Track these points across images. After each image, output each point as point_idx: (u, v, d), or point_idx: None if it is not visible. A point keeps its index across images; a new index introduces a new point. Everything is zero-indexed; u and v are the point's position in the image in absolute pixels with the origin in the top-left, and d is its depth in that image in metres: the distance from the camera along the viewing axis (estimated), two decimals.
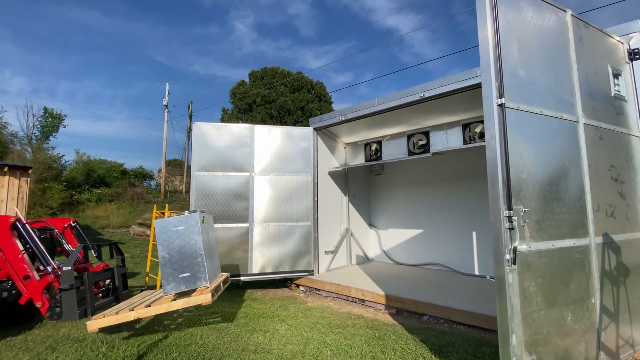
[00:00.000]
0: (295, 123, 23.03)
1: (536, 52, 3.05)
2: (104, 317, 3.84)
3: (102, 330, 4.03)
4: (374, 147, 7.46)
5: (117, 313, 3.88)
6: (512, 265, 2.56)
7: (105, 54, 54.59)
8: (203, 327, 4.48)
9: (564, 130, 3.09)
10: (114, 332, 4.26)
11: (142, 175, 25.66)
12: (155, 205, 8.04)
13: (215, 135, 6.57)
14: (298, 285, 6.84)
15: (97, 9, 52.17)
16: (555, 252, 2.82)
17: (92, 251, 4.89)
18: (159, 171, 26.08)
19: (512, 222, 2.58)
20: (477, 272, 6.71)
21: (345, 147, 8.16)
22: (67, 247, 4.64)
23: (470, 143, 5.85)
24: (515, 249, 2.57)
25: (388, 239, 8.41)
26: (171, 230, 4.22)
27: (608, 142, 3.42)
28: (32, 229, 4.16)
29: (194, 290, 4.19)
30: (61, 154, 22.85)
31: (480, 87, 2.80)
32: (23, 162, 15.82)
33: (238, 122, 23.14)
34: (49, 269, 3.95)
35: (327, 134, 7.54)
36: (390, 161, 7.20)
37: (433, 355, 3.53)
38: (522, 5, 3.01)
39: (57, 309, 3.78)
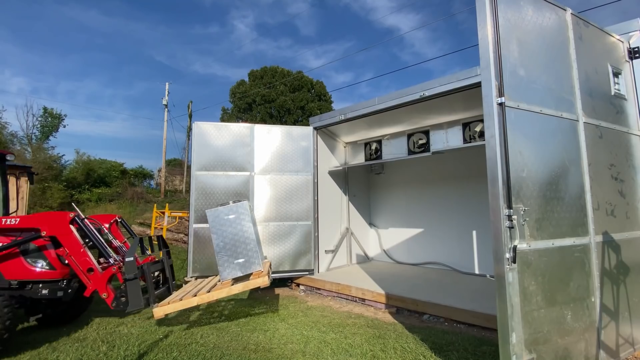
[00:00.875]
0: (295, 122, 23.03)
1: (536, 51, 3.04)
2: (168, 303, 4.00)
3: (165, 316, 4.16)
4: (374, 146, 7.45)
5: (181, 299, 4.03)
6: (512, 264, 2.57)
7: (105, 54, 54.66)
8: (203, 327, 4.49)
9: (564, 129, 3.09)
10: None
11: (142, 175, 25.68)
12: (155, 205, 8.05)
13: (215, 135, 6.57)
14: (298, 285, 6.84)
15: (97, 8, 52.18)
16: (555, 251, 2.82)
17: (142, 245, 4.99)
18: (159, 171, 26.09)
19: (512, 221, 2.59)
20: (477, 271, 6.71)
21: (345, 147, 8.16)
22: (115, 242, 4.70)
23: (470, 142, 5.84)
24: (515, 248, 2.58)
25: (388, 238, 8.41)
26: (223, 219, 4.40)
27: (608, 140, 3.42)
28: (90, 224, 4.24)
29: (249, 275, 4.32)
30: (61, 154, 22.92)
31: (480, 86, 2.81)
32: (23, 162, 15.82)
33: (238, 121, 23.13)
34: (111, 260, 4.04)
35: (327, 133, 7.53)
36: (390, 160, 7.20)
37: (433, 354, 3.54)
38: (522, 4, 3.01)
39: (123, 299, 3.88)
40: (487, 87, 2.75)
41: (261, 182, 6.69)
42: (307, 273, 6.73)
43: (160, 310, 3.95)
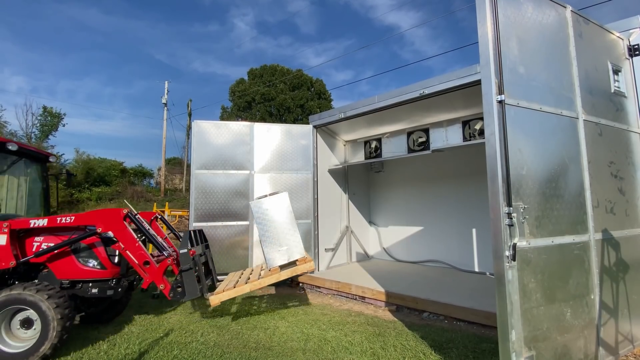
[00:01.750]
0: (294, 121, 23.00)
1: (536, 48, 3.04)
2: (223, 291, 4.23)
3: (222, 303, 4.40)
4: (373, 144, 7.45)
5: (234, 287, 4.24)
6: (512, 261, 2.57)
7: (105, 53, 54.53)
8: (204, 325, 4.50)
9: (563, 126, 3.08)
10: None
11: (142, 173, 25.67)
12: (155, 204, 8.05)
13: (214, 134, 6.57)
14: (298, 283, 6.85)
15: (97, 7, 52.06)
16: (554, 249, 2.82)
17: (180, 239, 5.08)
18: (159, 170, 26.07)
19: (511, 218, 2.59)
20: (477, 269, 6.72)
21: (345, 145, 8.15)
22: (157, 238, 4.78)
23: (470, 140, 5.84)
24: (514, 246, 2.58)
25: (388, 237, 8.42)
26: (266, 210, 4.64)
27: (608, 138, 3.42)
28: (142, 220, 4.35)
29: (293, 262, 4.60)
30: (61, 153, 22.86)
31: (480, 83, 2.80)
32: None
33: (237, 120, 23.10)
34: (165, 253, 4.15)
35: (326, 131, 7.53)
36: (390, 159, 7.20)
37: (433, 352, 3.55)
38: (521, 0, 3.00)
39: (179, 289, 4.00)
40: (486, 85, 2.74)
41: (261, 181, 6.69)
42: (307, 271, 6.73)
43: (216, 297, 4.14)
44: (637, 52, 3.73)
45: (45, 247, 3.92)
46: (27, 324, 3.53)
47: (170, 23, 63.18)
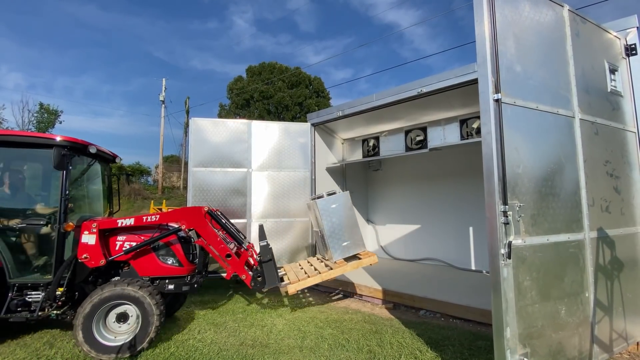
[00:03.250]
0: (293, 119, 22.97)
1: (533, 47, 3.04)
2: (298, 281, 4.55)
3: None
4: (371, 142, 7.46)
5: (307, 277, 4.61)
6: (507, 259, 2.58)
7: (103, 50, 54.21)
8: (201, 322, 4.51)
9: (560, 125, 3.09)
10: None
11: (140, 171, 25.60)
12: (152, 202, 8.03)
13: (212, 131, 6.55)
14: None
15: (95, 3, 51.74)
16: (550, 247, 2.84)
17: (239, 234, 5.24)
18: (157, 167, 26.00)
19: (507, 216, 2.60)
20: (473, 267, 6.75)
21: (343, 143, 8.15)
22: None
23: (467, 139, 5.85)
24: (510, 244, 2.59)
25: (385, 235, 8.44)
26: (330, 207, 4.94)
27: (604, 137, 3.43)
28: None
29: (355, 256, 4.88)
30: None
31: (477, 82, 2.80)
32: None
33: (236, 118, 23.03)
34: (244, 246, 4.42)
35: (325, 129, 7.52)
36: (387, 157, 7.21)
37: (429, 349, 3.57)
38: None
39: (259, 279, 4.27)
40: (483, 84, 2.74)
41: (259, 179, 6.69)
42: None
43: (292, 287, 4.46)
44: (634, 52, 3.74)
45: (128, 246, 4.01)
46: (123, 318, 3.69)
47: (169, 20, 62.94)
